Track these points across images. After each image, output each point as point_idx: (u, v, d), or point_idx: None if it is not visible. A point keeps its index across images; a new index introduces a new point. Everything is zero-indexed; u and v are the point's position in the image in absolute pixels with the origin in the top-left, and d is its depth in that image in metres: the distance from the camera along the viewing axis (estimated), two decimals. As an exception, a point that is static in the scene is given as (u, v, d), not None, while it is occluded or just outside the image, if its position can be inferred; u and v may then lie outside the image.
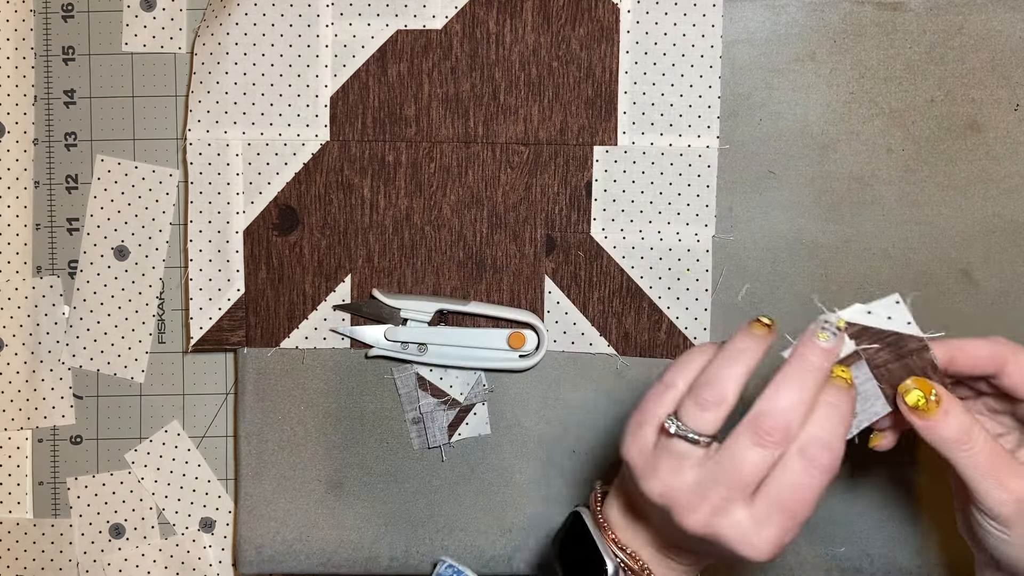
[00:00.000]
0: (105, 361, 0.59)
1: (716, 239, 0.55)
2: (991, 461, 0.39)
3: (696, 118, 0.55)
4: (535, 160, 0.55)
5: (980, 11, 0.54)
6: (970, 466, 0.39)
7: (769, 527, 0.37)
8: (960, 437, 0.39)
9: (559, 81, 0.55)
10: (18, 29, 0.58)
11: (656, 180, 0.55)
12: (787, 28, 0.55)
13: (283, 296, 0.57)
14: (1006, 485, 0.38)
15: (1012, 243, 0.55)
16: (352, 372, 0.57)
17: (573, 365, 0.56)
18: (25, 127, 0.59)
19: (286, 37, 0.56)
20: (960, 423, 0.39)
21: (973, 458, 0.39)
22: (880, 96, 0.55)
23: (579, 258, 0.56)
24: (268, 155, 0.56)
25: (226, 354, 0.59)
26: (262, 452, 0.58)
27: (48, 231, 0.59)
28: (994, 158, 0.54)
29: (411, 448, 0.57)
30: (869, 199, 0.55)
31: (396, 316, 0.55)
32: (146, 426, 0.60)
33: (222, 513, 0.60)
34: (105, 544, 0.60)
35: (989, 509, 0.39)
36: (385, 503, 0.57)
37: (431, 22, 0.55)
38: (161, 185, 0.59)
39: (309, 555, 0.57)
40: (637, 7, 0.54)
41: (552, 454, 0.57)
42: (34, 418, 0.60)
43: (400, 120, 0.56)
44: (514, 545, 0.57)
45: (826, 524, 0.56)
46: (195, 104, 0.56)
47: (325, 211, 0.56)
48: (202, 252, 0.57)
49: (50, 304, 0.59)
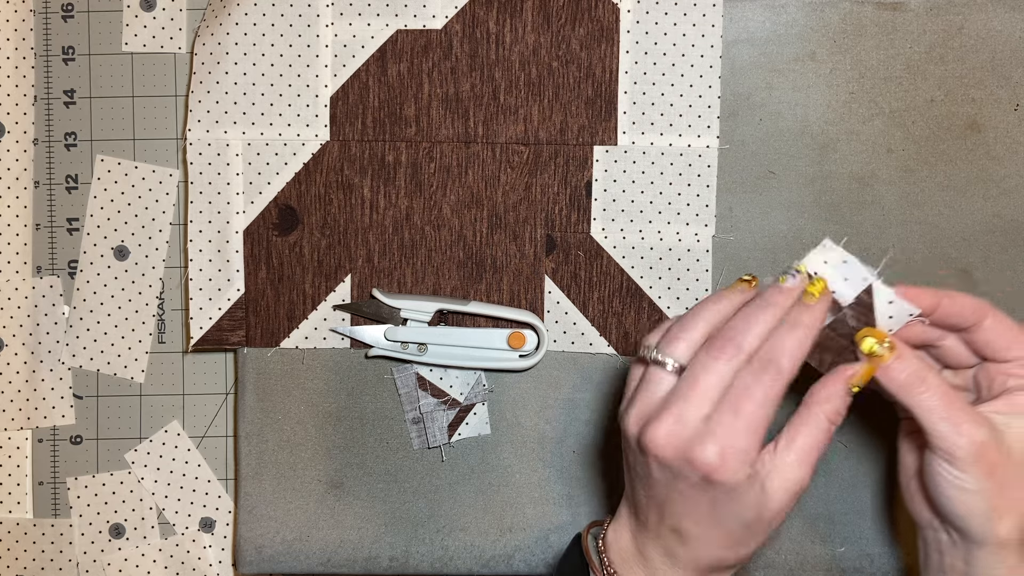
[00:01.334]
0: (105, 361, 0.59)
1: (716, 239, 0.55)
2: (946, 403, 0.40)
3: (696, 118, 0.55)
4: (535, 160, 0.55)
5: (980, 11, 0.54)
6: (926, 409, 0.40)
7: (719, 427, 0.39)
8: (913, 381, 0.40)
9: (559, 81, 0.55)
10: (18, 29, 0.58)
11: (656, 180, 0.55)
12: (787, 28, 0.55)
13: (283, 296, 0.57)
14: (960, 428, 0.39)
15: (1012, 243, 0.55)
16: (352, 372, 0.57)
17: (573, 365, 0.56)
18: (25, 127, 0.59)
19: (286, 37, 0.56)
20: (913, 366, 0.41)
21: (928, 401, 0.40)
22: (880, 96, 0.55)
23: (579, 258, 0.56)
24: (268, 155, 0.56)
25: (226, 354, 0.59)
26: (262, 452, 0.58)
27: (48, 231, 0.59)
28: (994, 158, 0.54)
29: (411, 448, 0.57)
30: (869, 199, 0.55)
31: (396, 316, 0.55)
32: (146, 426, 0.60)
33: (222, 513, 0.60)
34: (105, 544, 0.60)
35: (946, 451, 0.40)
36: (385, 503, 0.57)
37: (431, 22, 0.55)
38: (161, 185, 0.59)
39: (309, 555, 0.57)
40: (637, 7, 0.54)
41: (552, 454, 0.57)
42: (34, 418, 0.60)
43: (400, 120, 0.56)
44: (514, 545, 0.57)
45: (826, 524, 0.56)
46: (195, 104, 0.56)
47: (325, 211, 0.56)
48: (202, 252, 0.57)
49: (50, 304, 0.59)
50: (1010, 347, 0.43)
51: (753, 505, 0.40)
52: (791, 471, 0.40)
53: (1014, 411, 0.42)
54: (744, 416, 0.39)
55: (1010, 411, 0.42)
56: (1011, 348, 0.43)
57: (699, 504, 0.41)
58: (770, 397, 0.39)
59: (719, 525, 0.41)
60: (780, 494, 0.40)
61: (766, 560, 0.56)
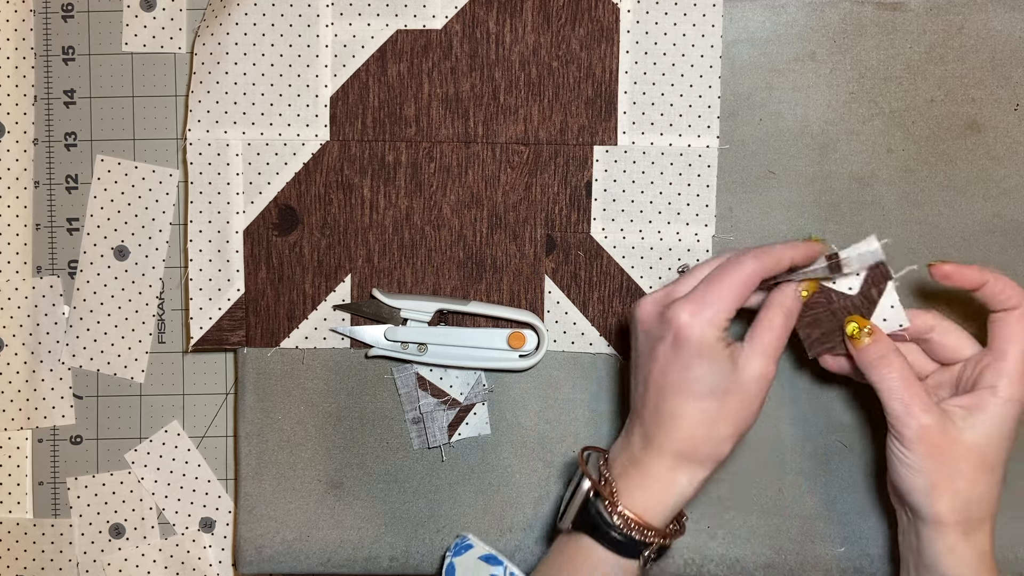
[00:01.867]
0: (105, 361, 0.59)
1: (716, 239, 0.55)
2: (903, 386, 0.45)
3: (696, 118, 0.55)
4: (535, 160, 0.55)
5: (980, 11, 0.54)
6: (885, 389, 0.45)
7: (694, 294, 0.45)
8: (879, 362, 0.46)
9: (559, 81, 0.55)
10: (18, 29, 0.58)
11: (656, 180, 0.55)
12: (787, 28, 0.55)
13: (283, 296, 0.57)
14: (910, 410, 0.44)
15: (1012, 243, 0.55)
16: (352, 372, 0.57)
17: (573, 365, 0.56)
18: (25, 127, 0.59)
19: (286, 37, 0.56)
20: (882, 349, 0.46)
21: (889, 380, 0.45)
22: (880, 96, 0.55)
23: (579, 258, 0.56)
24: (268, 155, 0.56)
25: (226, 354, 0.59)
26: (262, 452, 0.58)
27: (48, 231, 0.59)
28: (994, 158, 0.54)
29: (411, 448, 0.57)
30: (869, 199, 0.55)
31: (396, 316, 0.55)
32: (146, 426, 0.60)
33: (222, 513, 0.60)
34: (105, 544, 0.60)
35: (897, 430, 0.45)
36: (385, 503, 0.57)
37: (431, 22, 0.55)
38: (161, 185, 0.59)
39: (309, 555, 0.57)
40: (637, 7, 0.54)
41: (552, 454, 0.57)
42: (34, 418, 0.60)
43: (400, 120, 0.56)
44: (514, 545, 0.57)
45: (826, 524, 0.56)
46: (195, 104, 0.56)
47: (325, 211, 0.56)
48: (202, 252, 0.57)
49: (50, 304, 0.59)
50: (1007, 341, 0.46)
51: (723, 373, 0.44)
52: (756, 360, 0.45)
53: (975, 408, 0.45)
54: (716, 288, 0.44)
55: (972, 406, 0.45)
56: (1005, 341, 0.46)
57: (672, 367, 0.45)
58: (743, 276, 0.44)
59: (690, 393, 0.44)
60: (749, 377, 0.45)
61: (766, 560, 0.56)
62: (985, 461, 0.45)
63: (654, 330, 0.46)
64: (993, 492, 0.45)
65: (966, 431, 0.45)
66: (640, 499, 0.45)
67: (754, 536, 0.56)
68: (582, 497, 0.47)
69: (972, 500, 0.45)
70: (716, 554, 0.56)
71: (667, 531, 0.46)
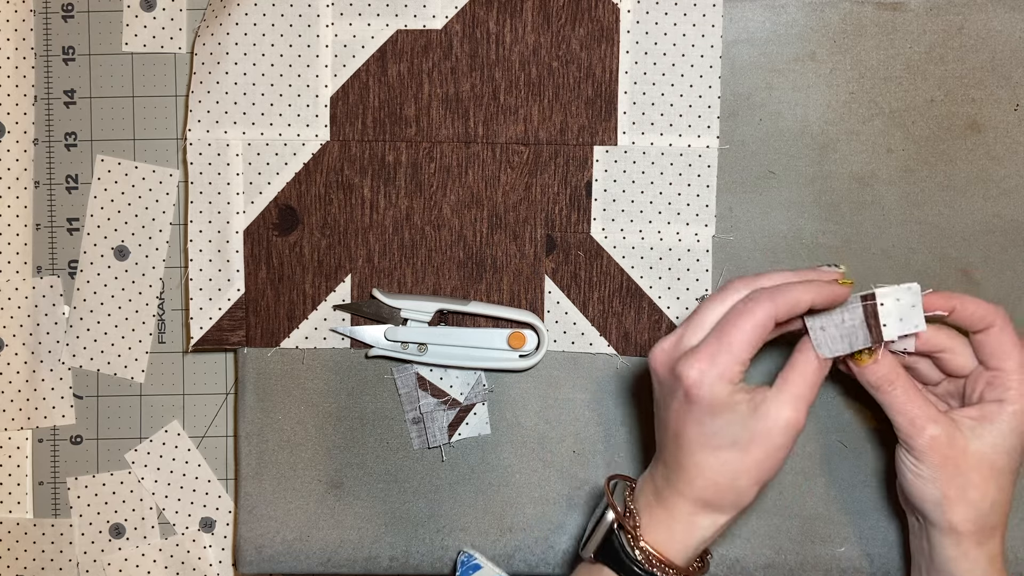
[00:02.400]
0: (105, 361, 0.59)
1: (716, 239, 0.55)
2: (908, 400, 0.45)
3: (696, 118, 0.55)
4: (535, 160, 0.55)
5: (980, 11, 0.54)
6: (892, 405, 0.46)
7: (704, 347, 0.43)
8: (883, 382, 0.46)
9: (559, 81, 0.55)
10: (18, 29, 0.58)
11: (656, 180, 0.55)
12: (787, 28, 0.55)
13: (283, 296, 0.57)
14: (917, 423, 0.45)
15: (1012, 243, 0.55)
16: (352, 372, 0.57)
17: (573, 365, 0.56)
18: (25, 127, 0.59)
19: (286, 37, 0.56)
20: (885, 370, 0.46)
21: (895, 398, 0.46)
22: (880, 96, 0.55)
23: (579, 258, 0.56)
24: (268, 155, 0.56)
25: (226, 354, 0.59)
26: (262, 452, 0.58)
27: (48, 231, 0.59)
28: (994, 158, 0.54)
29: (411, 448, 0.57)
30: (869, 199, 0.55)
31: (396, 316, 0.55)
32: (146, 426, 0.60)
33: (222, 513, 0.60)
34: (105, 544, 0.60)
35: (906, 443, 0.46)
36: (385, 503, 0.57)
37: (431, 22, 0.55)
38: (161, 185, 0.59)
39: (309, 555, 0.57)
40: (637, 7, 0.54)
41: (552, 454, 0.57)
42: (34, 418, 0.60)
43: (400, 120, 0.56)
44: (514, 545, 0.57)
45: (826, 524, 0.56)
46: (195, 104, 0.56)
47: (325, 211, 0.56)
48: (202, 252, 0.57)
49: (50, 304, 0.59)
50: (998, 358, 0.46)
51: (742, 424, 0.43)
52: (785, 408, 0.43)
53: (983, 419, 0.45)
54: (727, 340, 0.43)
55: (979, 418, 0.46)
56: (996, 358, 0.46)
57: (687, 422, 0.44)
58: (755, 323, 0.42)
59: (709, 446, 0.43)
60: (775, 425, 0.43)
61: (766, 560, 0.56)
62: (995, 470, 0.45)
63: (667, 383, 0.45)
64: (1005, 500, 0.45)
65: (974, 441, 0.45)
66: (663, 536, 0.45)
67: (754, 536, 0.56)
68: (605, 528, 0.46)
69: (985, 510, 0.45)
70: (716, 554, 0.56)
71: (690, 569, 0.45)
